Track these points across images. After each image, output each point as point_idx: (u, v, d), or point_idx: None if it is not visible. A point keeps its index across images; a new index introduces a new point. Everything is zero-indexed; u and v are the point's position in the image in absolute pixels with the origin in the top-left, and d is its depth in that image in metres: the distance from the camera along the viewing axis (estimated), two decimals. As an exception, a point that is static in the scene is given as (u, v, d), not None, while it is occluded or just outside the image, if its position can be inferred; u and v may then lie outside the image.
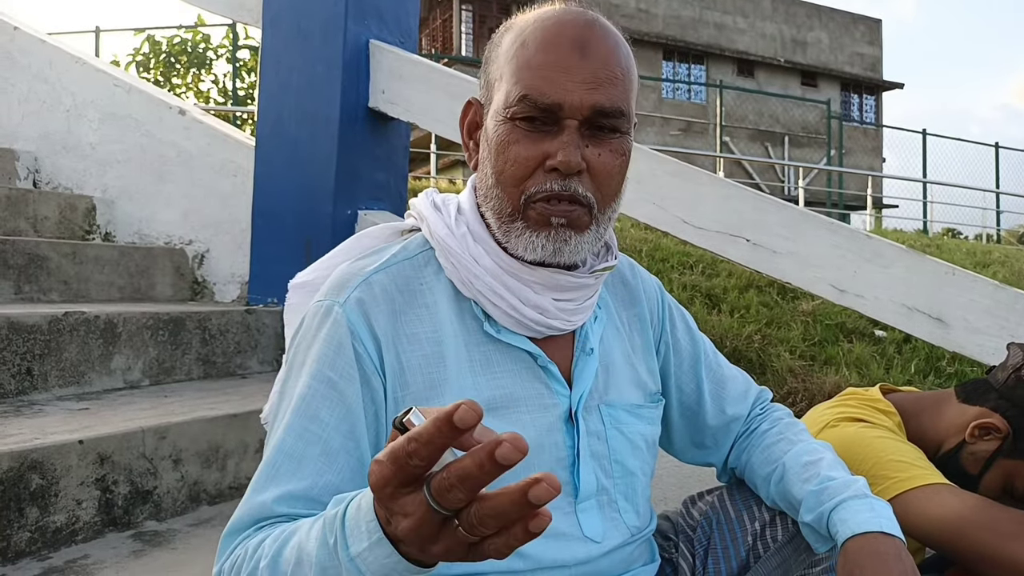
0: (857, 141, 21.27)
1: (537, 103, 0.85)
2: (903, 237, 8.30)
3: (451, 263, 0.91)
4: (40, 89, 3.05)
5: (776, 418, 1.12)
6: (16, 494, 1.31)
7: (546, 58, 0.85)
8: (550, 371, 0.93)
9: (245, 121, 11.20)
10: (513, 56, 0.88)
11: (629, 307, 1.06)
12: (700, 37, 21.04)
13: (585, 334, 0.97)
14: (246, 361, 2.33)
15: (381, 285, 0.89)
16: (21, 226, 2.64)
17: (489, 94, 0.91)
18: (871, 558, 0.88)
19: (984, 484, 1.26)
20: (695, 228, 2.04)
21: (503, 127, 0.87)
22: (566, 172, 0.85)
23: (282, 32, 2.46)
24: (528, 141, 0.86)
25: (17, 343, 1.73)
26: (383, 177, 2.50)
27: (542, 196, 0.86)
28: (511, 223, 0.88)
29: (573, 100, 0.84)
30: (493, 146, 0.89)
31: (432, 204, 0.96)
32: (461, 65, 14.98)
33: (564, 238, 0.87)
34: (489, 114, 0.91)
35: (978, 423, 1.25)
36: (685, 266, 4.28)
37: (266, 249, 2.48)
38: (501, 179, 0.88)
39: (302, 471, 0.81)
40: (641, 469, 0.99)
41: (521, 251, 0.88)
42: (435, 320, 0.90)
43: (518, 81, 0.86)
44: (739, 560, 1.06)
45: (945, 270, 1.82)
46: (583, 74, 0.85)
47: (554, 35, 0.86)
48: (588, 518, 0.93)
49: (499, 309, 0.90)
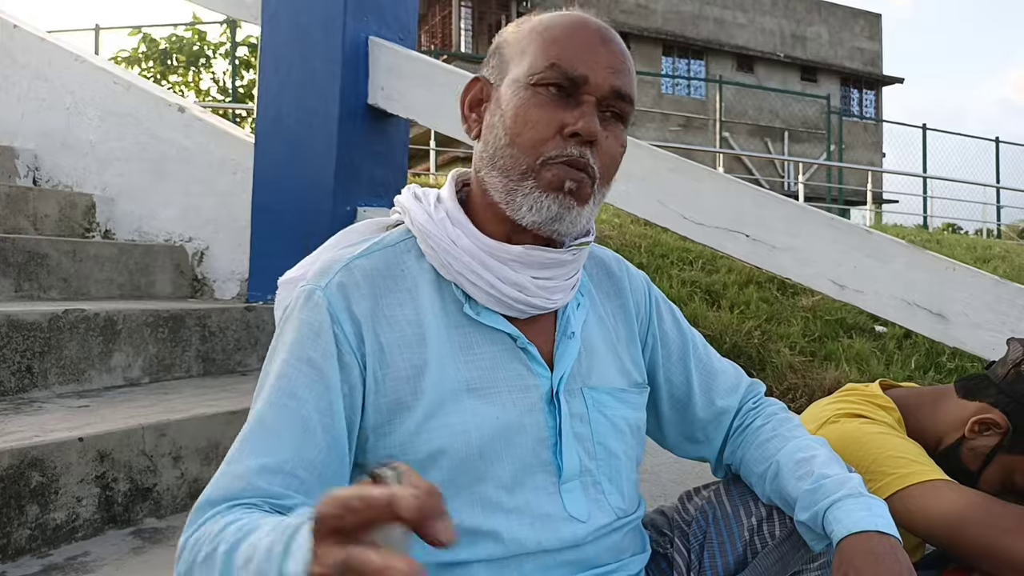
0: (857, 136, 21.24)
1: (566, 72, 0.89)
2: (903, 232, 8.30)
3: (431, 247, 0.93)
4: (40, 87, 3.05)
5: (770, 414, 1.12)
6: (16, 491, 1.31)
7: (575, 37, 0.91)
8: (530, 352, 0.94)
9: (244, 118, 11.19)
10: (539, 35, 0.93)
11: (614, 298, 1.08)
12: (700, 32, 21.01)
13: (567, 318, 0.99)
14: (246, 358, 2.33)
15: (362, 270, 0.92)
16: (21, 224, 2.64)
17: (504, 68, 0.95)
18: (866, 557, 0.88)
19: (984, 479, 1.25)
20: (695, 224, 2.04)
21: (524, 92, 0.91)
22: (586, 137, 0.88)
23: (281, 29, 2.46)
24: (550, 106, 0.89)
25: (17, 341, 1.73)
26: (382, 174, 2.50)
27: (563, 159, 0.89)
28: (520, 182, 0.90)
29: (597, 77, 0.89)
30: (510, 109, 0.91)
31: (413, 195, 0.99)
32: (460, 62, 14.96)
33: (568, 205, 0.90)
34: (504, 84, 0.93)
35: (978, 419, 1.25)
36: (685, 262, 4.28)
37: (266, 246, 2.48)
38: (518, 140, 0.90)
39: (280, 445, 0.82)
40: (625, 452, 1.00)
41: (524, 211, 0.90)
42: (416, 304, 0.92)
43: (546, 52, 0.90)
44: (736, 555, 1.05)
45: (946, 265, 1.82)
46: (606, 59, 0.91)
47: (580, 25, 0.93)
48: (572, 497, 0.94)
49: (478, 288, 0.92)
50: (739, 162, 17.84)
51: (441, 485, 0.85)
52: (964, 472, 1.26)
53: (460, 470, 0.88)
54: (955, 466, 1.26)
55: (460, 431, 0.88)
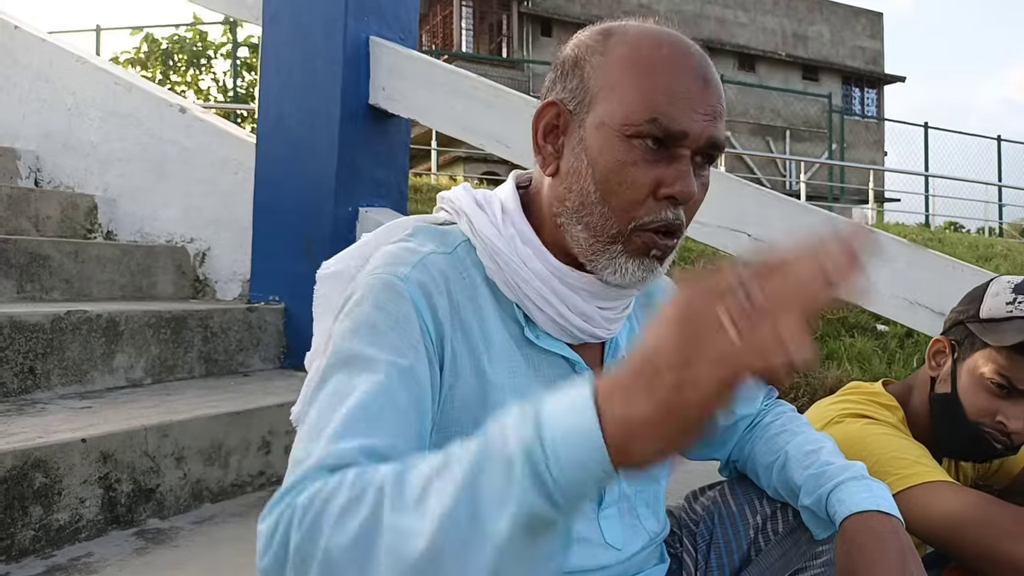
0: (859, 135, 21.22)
1: (668, 128, 0.81)
2: (905, 231, 8.29)
3: (497, 264, 0.87)
4: (41, 88, 3.05)
5: (779, 411, 1.13)
6: (20, 492, 1.32)
7: (677, 83, 0.82)
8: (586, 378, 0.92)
9: (245, 119, 11.21)
10: (633, 68, 0.84)
11: (646, 308, 1.06)
12: (701, 31, 20.99)
13: (616, 341, 0.96)
14: (248, 359, 2.33)
15: (438, 268, 0.85)
16: (23, 225, 2.64)
17: (588, 100, 0.86)
18: (868, 536, 0.89)
19: (963, 396, 1.26)
20: (697, 223, 2.02)
21: (620, 144, 0.83)
22: (683, 201, 0.83)
23: (282, 29, 2.46)
24: (646, 164, 0.82)
25: (20, 342, 1.73)
26: (384, 174, 2.50)
27: (657, 226, 0.84)
28: (610, 245, 0.85)
29: (696, 129, 0.82)
30: (603, 162, 0.84)
31: (475, 201, 0.92)
32: (462, 62, 14.97)
33: (652, 268, 0.86)
34: (589, 123, 0.85)
35: (931, 352, 1.33)
36: (686, 261, 4.27)
37: (267, 247, 2.48)
38: (612, 200, 0.84)
39: (379, 429, 0.71)
40: (664, 475, 1.00)
41: (607, 273, 0.86)
42: (481, 315, 0.86)
43: (645, 99, 0.82)
44: (741, 554, 1.06)
45: (948, 264, 1.82)
46: (705, 106, 0.83)
47: (680, 60, 0.84)
48: (609, 525, 0.93)
49: (544, 314, 0.87)
50: (741, 161, 17.83)
51: None
52: (946, 404, 1.27)
53: None
54: (939, 407, 1.29)
55: None
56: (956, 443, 1.28)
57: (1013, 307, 1.23)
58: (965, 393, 1.25)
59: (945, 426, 1.28)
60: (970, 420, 1.24)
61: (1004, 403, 1.22)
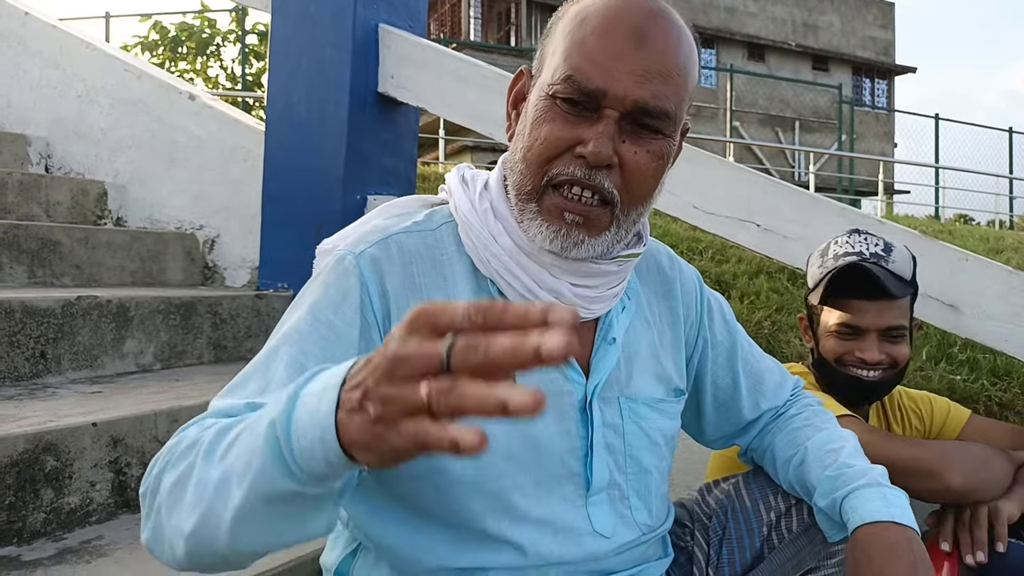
0: (868, 126, 21.09)
1: (581, 86, 0.81)
2: (915, 223, 8.24)
3: (470, 239, 0.89)
4: (51, 75, 3.06)
5: (805, 404, 1.12)
6: (31, 476, 1.33)
7: (599, 42, 0.81)
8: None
9: (253, 106, 11.21)
10: (569, 32, 0.84)
11: (663, 299, 1.03)
12: (710, 21, 20.86)
13: (609, 323, 0.94)
14: (256, 346, 2.34)
15: (400, 245, 0.87)
16: (34, 211, 2.65)
17: (540, 66, 0.88)
18: (880, 547, 0.88)
19: (827, 353, 1.47)
20: (705, 213, 2.03)
21: (543, 103, 0.84)
22: (593, 163, 0.81)
23: (291, 16, 2.46)
24: (564, 122, 0.82)
25: (31, 327, 1.75)
26: (392, 162, 2.50)
27: (564, 179, 0.83)
28: (527, 203, 0.86)
29: (618, 90, 0.80)
30: (529, 120, 0.85)
31: (460, 179, 0.94)
32: (470, 50, 14.90)
33: (575, 240, 0.84)
34: (535, 87, 0.87)
35: (802, 332, 1.59)
36: (695, 252, 4.27)
37: (276, 234, 2.49)
38: (528, 155, 0.85)
39: (275, 386, 0.75)
40: (656, 466, 0.97)
41: (533, 235, 0.86)
42: (450, 292, 0.87)
43: (567, 59, 0.82)
44: (753, 550, 1.05)
45: (958, 256, 1.81)
46: (634, 65, 0.80)
47: (615, 19, 0.82)
48: (598, 512, 0.91)
49: (513, 290, 0.87)
50: (750, 152, 17.75)
51: (463, 486, 0.83)
52: (822, 361, 1.49)
53: (483, 472, 0.84)
54: (822, 367, 1.50)
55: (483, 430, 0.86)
56: (841, 391, 1.46)
57: (821, 268, 1.49)
58: (827, 350, 1.47)
59: (828, 379, 1.49)
60: (837, 368, 1.45)
61: (856, 343, 1.44)
